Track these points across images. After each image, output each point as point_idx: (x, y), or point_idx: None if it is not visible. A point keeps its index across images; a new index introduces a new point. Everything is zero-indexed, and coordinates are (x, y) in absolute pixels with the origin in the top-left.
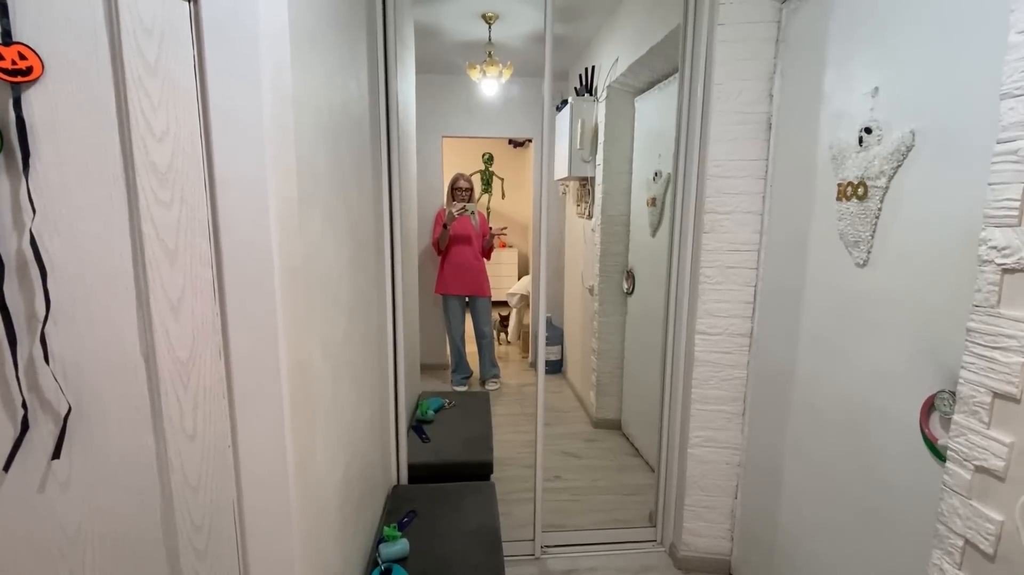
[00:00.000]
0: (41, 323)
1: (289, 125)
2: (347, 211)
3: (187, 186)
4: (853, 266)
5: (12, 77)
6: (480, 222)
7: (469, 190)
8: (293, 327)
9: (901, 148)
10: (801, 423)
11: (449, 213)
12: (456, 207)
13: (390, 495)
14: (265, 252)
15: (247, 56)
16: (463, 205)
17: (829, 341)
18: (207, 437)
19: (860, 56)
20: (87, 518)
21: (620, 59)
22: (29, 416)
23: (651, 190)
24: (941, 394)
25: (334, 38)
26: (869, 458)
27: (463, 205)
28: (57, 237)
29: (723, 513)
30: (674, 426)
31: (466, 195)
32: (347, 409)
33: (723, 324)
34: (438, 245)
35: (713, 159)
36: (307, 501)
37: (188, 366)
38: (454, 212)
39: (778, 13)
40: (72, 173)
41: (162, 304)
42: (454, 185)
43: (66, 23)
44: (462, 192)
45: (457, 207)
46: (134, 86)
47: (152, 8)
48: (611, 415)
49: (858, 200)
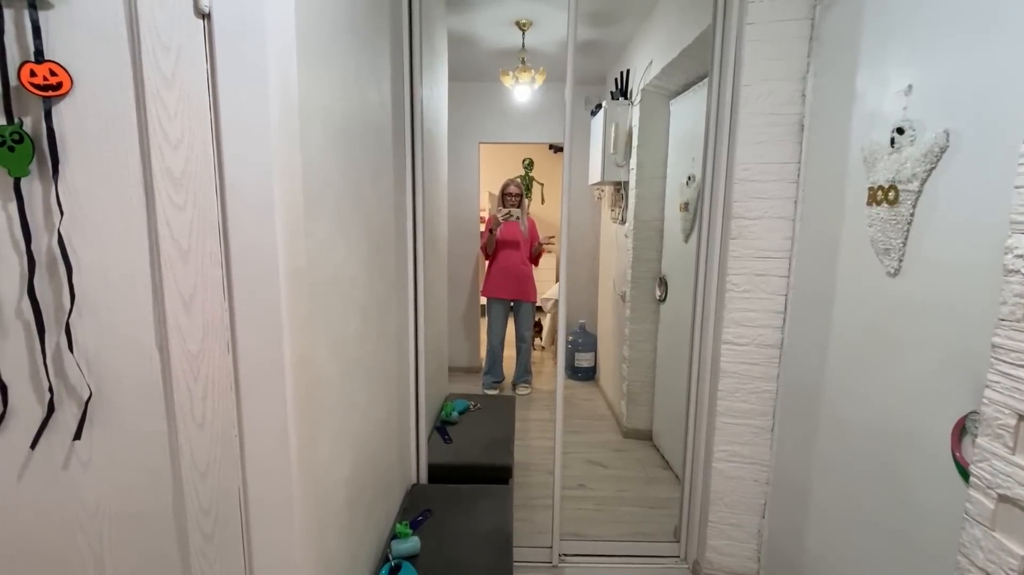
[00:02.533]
0: (67, 315)
1: (295, 134)
2: (362, 215)
3: (199, 191)
4: (884, 275)
5: (44, 92)
6: (530, 228)
7: (519, 195)
8: (298, 324)
9: (935, 149)
10: (830, 441)
11: (494, 218)
12: (502, 212)
13: (408, 493)
14: (270, 253)
15: (256, 69)
16: (508, 210)
17: (859, 355)
18: (215, 425)
19: (894, 52)
20: (105, 496)
21: (654, 62)
22: (55, 400)
23: (684, 195)
24: (972, 415)
25: (350, 50)
26: (900, 481)
27: (508, 210)
28: (82, 236)
29: (749, 532)
30: (699, 439)
31: (515, 200)
32: (357, 406)
33: (751, 334)
34: (486, 249)
35: (741, 162)
36: (309, 492)
37: (198, 358)
38: (499, 217)
39: (812, 10)
40: (97, 178)
41: (175, 300)
42: (504, 191)
43: (93, 42)
44: (511, 198)
45: (503, 212)
46: (152, 98)
47: (170, 25)
48: (642, 425)
49: (889, 205)
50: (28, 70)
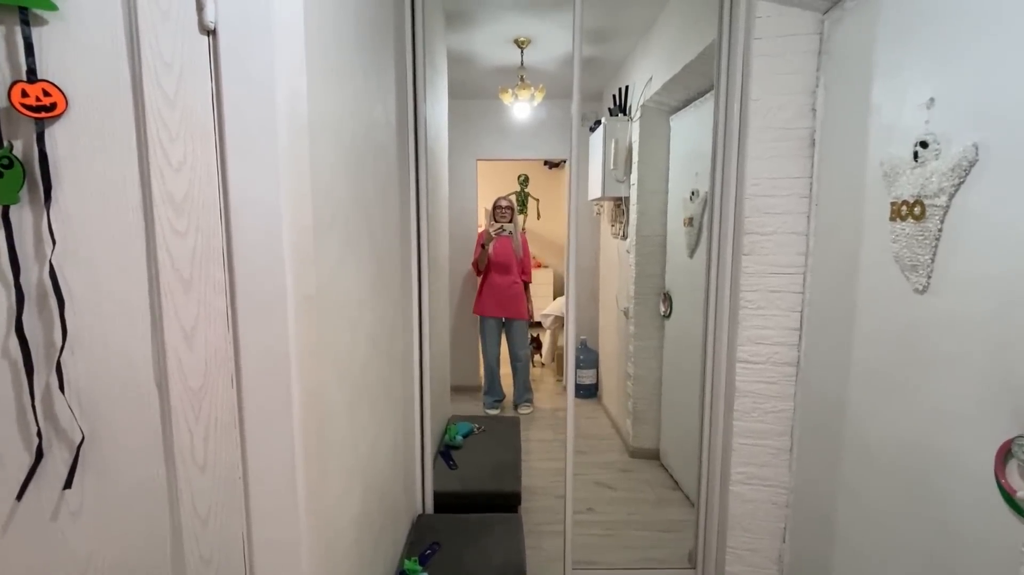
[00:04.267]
0: (58, 352)
1: (304, 154)
2: (370, 236)
3: (203, 216)
4: (911, 292)
5: (36, 113)
6: (523, 244)
7: (509, 209)
8: (306, 355)
9: (963, 163)
10: (855, 464)
11: (487, 232)
12: (495, 227)
13: (414, 525)
14: (279, 280)
15: (263, 88)
16: (500, 225)
17: (885, 374)
18: (217, 468)
19: (912, 65)
20: (97, 548)
21: (654, 78)
22: (44, 445)
23: (688, 210)
24: (1019, 440)
25: (357, 67)
26: (936, 508)
27: (500, 225)
28: (75, 267)
29: (769, 557)
30: (714, 460)
31: (506, 215)
32: (365, 437)
33: (766, 352)
34: (477, 266)
35: (752, 178)
36: (318, 535)
37: (200, 395)
38: (492, 232)
39: (820, 24)
40: (92, 204)
41: (176, 333)
42: (495, 206)
43: (89, 60)
44: (502, 211)
45: (495, 227)
46: (153, 119)
47: (172, 43)
48: (648, 444)
49: (914, 220)
50: (19, 90)
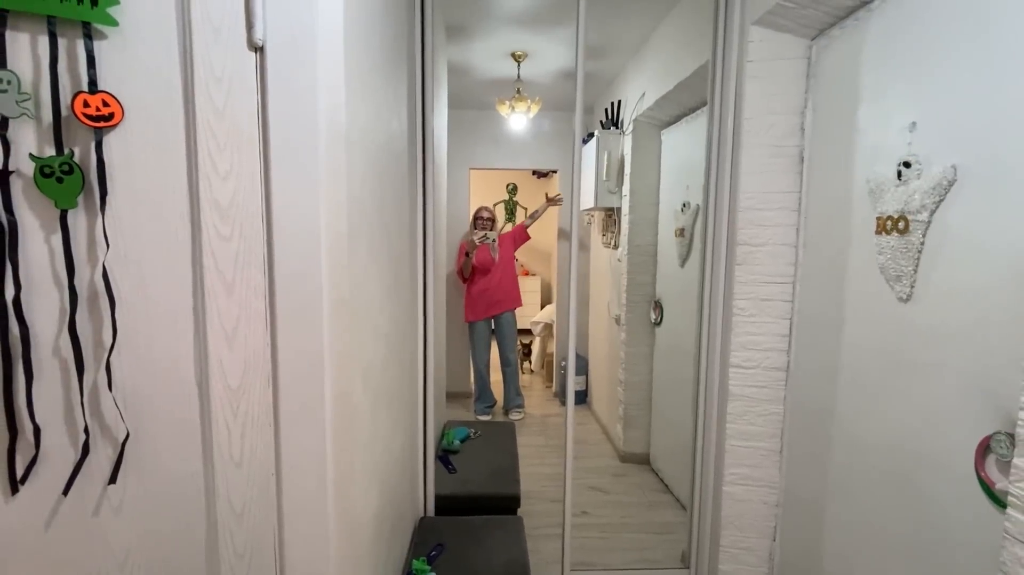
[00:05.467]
0: (107, 352)
1: (342, 165)
2: (388, 243)
3: (246, 222)
4: (895, 301)
5: (96, 123)
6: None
7: (491, 219)
8: (338, 357)
9: (943, 183)
10: (843, 463)
11: (471, 241)
12: (478, 235)
13: (417, 526)
14: (315, 284)
15: (306, 102)
16: (484, 233)
17: (871, 378)
18: (252, 464)
19: (895, 91)
20: (136, 543)
21: (647, 94)
22: (90, 441)
23: (679, 221)
24: (997, 436)
25: (382, 81)
26: (920, 503)
27: (484, 233)
28: (125, 270)
29: (761, 556)
30: (708, 462)
31: (488, 224)
32: (382, 439)
33: (758, 357)
34: (462, 273)
35: (745, 192)
36: (344, 531)
37: (238, 394)
38: (476, 240)
39: (808, 49)
40: (143, 210)
41: (218, 334)
42: (477, 216)
43: (146, 74)
44: (484, 221)
45: (479, 235)
46: (203, 130)
47: (223, 59)
48: (639, 449)
49: (899, 234)
50: (81, 100)
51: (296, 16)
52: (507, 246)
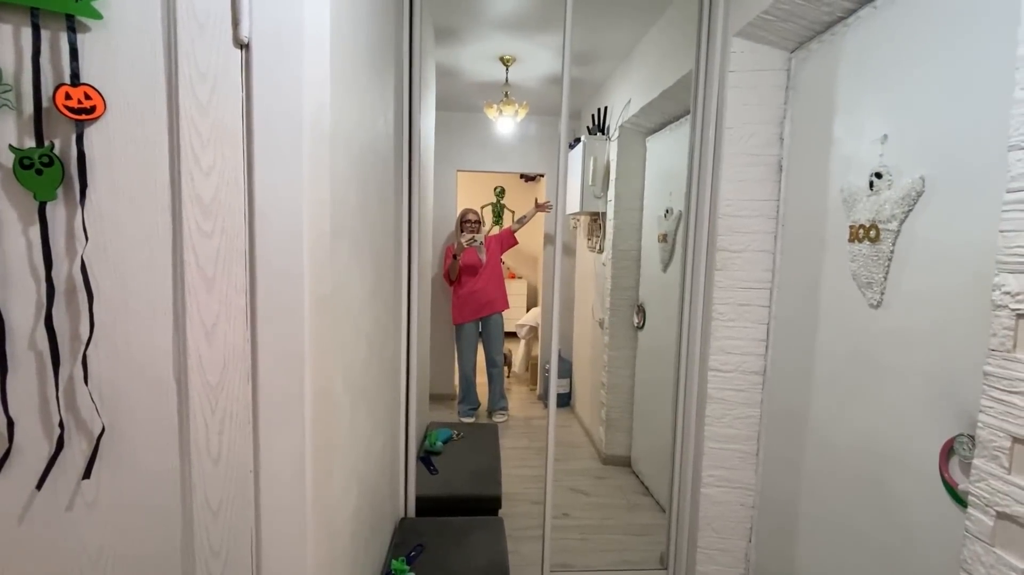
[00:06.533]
0: (84, 345)
1: (326, 163)
2: (371, 242)
3: (228, 218)
4: (867, 307)
5: (77, 115)
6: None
7: (477, 222)
8: (318, 355)
9: (911, 193)
10: (816, 465)
11: (458, 243)
12: (465, 238)
13: (397, 527)
14: (297, 281)
15: (291, 99)
16: (472, 236)
17: (843, 382)
18: (230, 461)
19: (869, 104)
20: (109, 539)
21: (632, 101)
22: (64, 435)
23: (662, 226)
24: (960, 438)
25: (368, 80)
26: (887, 502)
27: (472, 236)
28: (104, 264)
29: (737, 557)
30: (686, 464)
31: (474, 227)
32: (363, 438)
33: (736, 361)
34: (449, 275)
35: (725, 199)
36: (321, 530)
37: (217, 390)
38: (463, 243)
39: (787, 62)
40: (124, 204)
41: (197, 329)
42: (463, 218)
43: (129, 67)
44: (471, 224)
45: (466, 238)
46: (187, 125)
47: (208, 55)
48: (621, 451)
49: (870, 242)
50: (63, 92)
51: (283, 14)
52: (494, 249)
